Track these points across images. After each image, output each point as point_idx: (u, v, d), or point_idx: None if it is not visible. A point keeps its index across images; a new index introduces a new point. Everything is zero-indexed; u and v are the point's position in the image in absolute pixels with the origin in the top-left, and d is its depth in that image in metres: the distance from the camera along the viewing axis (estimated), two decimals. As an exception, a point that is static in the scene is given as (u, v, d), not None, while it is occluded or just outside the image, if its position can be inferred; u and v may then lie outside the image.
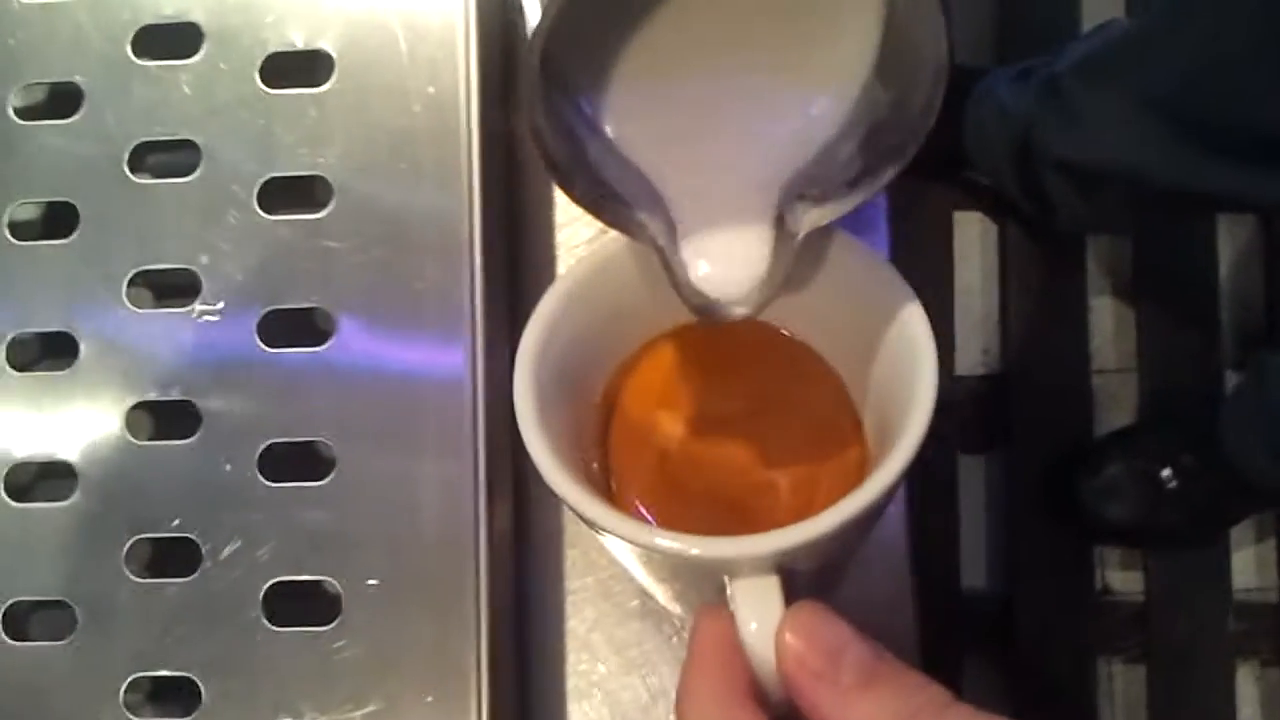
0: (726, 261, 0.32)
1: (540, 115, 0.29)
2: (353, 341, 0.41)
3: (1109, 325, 1.37)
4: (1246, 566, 1.31)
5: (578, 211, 0.33)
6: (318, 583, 0.41)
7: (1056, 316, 1.38)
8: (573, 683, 0.44)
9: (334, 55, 0.43)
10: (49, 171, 0.43)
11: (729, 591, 0.30)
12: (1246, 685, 1.28)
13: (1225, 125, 0.96)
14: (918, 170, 0.32)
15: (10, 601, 0.41)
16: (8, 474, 0.42)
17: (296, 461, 0.42)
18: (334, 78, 0.42)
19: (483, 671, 0.39)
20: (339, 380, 0.41)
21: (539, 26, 0.27)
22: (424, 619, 0.40)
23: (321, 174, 0.42)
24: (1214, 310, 1.36)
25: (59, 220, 0.42)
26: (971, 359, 1.37)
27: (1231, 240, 1.37)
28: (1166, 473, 1.24)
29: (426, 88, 0.42)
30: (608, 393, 0.38)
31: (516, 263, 0.46)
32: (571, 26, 0.28)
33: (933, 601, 0.43)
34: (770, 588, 0.29)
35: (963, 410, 1.34)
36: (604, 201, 0.32)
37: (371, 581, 0.40)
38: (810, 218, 0.32)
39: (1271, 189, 0.98)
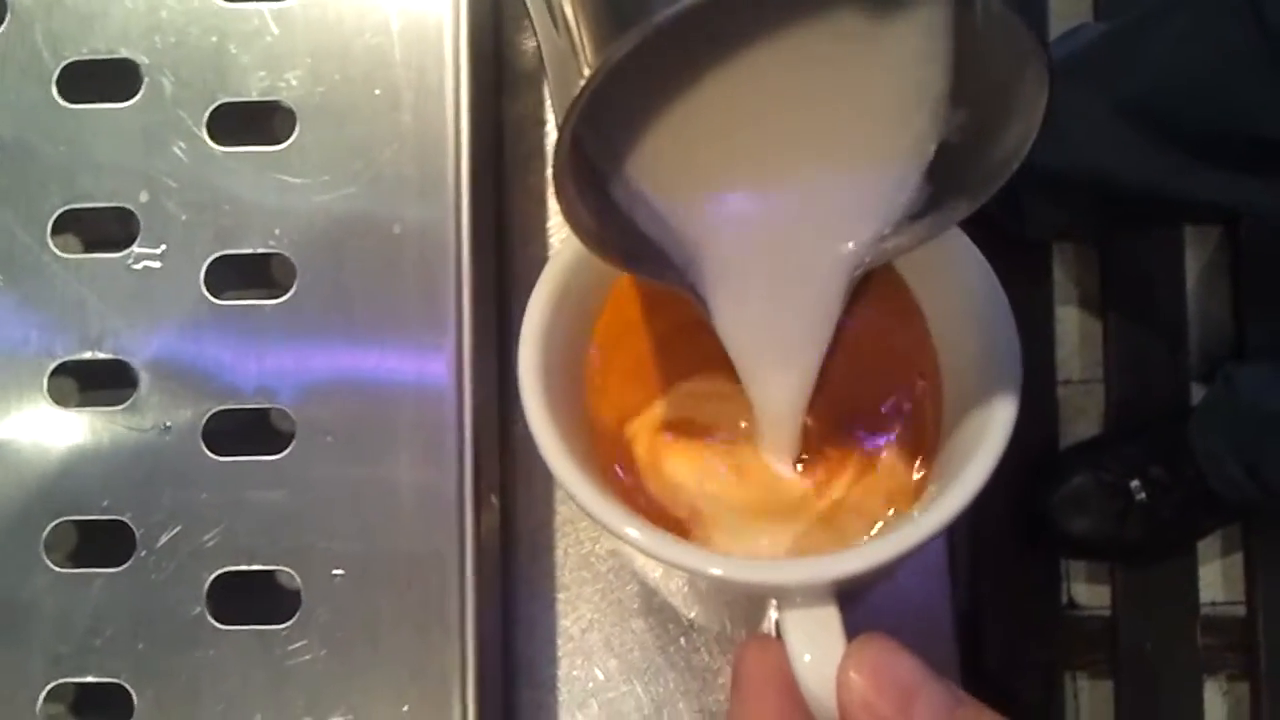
0: (777, 342, 0.31)
1: (571, 183, 0.26)
2: (317, 292, 0.36)
3: (1075, 336, 1.37)
4: (1214, 580, 1.31)
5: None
6: (272, 574, 0.35)
7: (1022, 326, 1.35)
8: (566, 691, 0.39)
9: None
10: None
11: (776, 617, 0.28)
12: (1214, 700, 1.28)
13: (1196, 130, 0.96)
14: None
15: None
16: (-96, 445, 0.35)
17: (249, 432, 0.36)
18: (299, -10, 0.37)
19: (468, 678, 0.34)
20: (300, 338, 0.36)
21: (575, 97, 0.23)
22: (398, 616, 0.34)
23: (283, 100, 0.37)
24: (1181, 321, 1.36)
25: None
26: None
27: (1198, 251, 1.36)
28: (1134, 484, 1.23)
29: (407, 1, 0.37)
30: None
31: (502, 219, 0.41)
32: (609, 96, 0.24)
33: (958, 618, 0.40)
34: (828, 619, 0.27)
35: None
36: (640, 261, 0.29)
37: (337, 572, 0.35)
38: (871, 255, 0.30)
39: (1242, 194, 0.99)
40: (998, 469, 0.31)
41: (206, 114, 0.37)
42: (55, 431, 0.36)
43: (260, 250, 0.36)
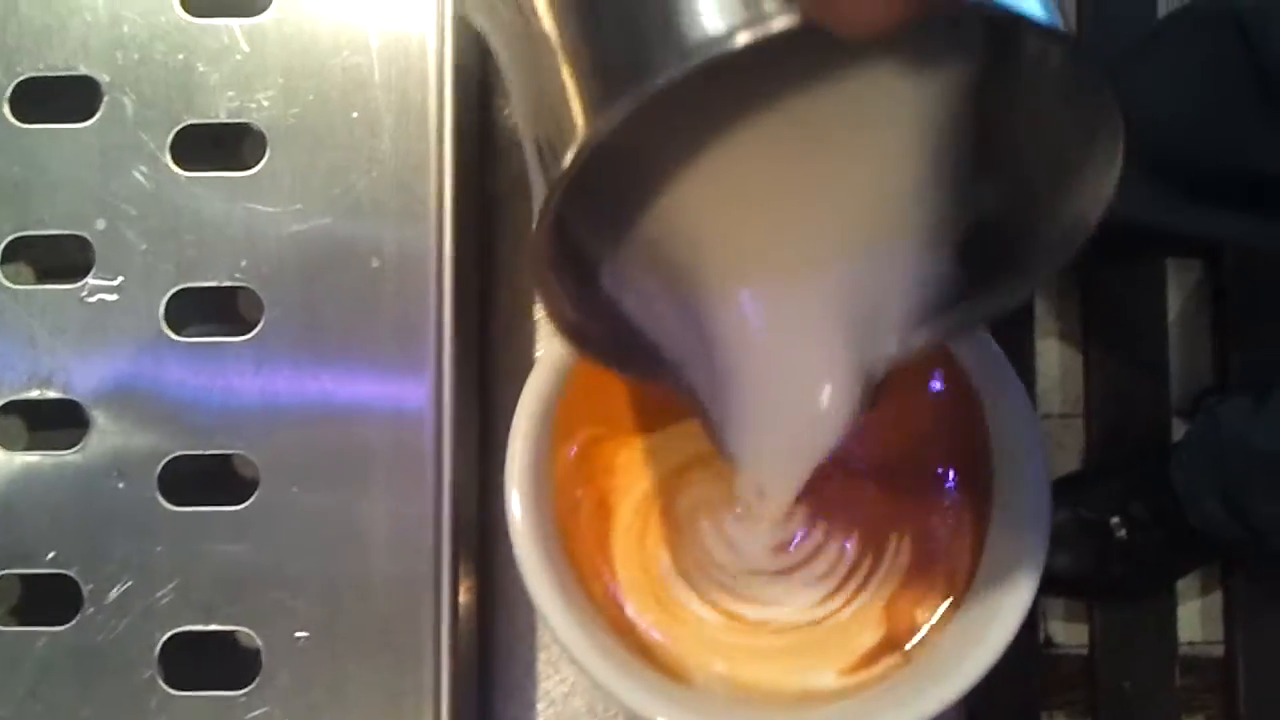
0: (781, 447, 0.29)
1: (551, 271, 0.24)
2: (286, 329, 0.34)
3: (1056, 370, 1.36)
4: (1192, 620, 1.31)
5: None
6: (230, 634, 0.33)
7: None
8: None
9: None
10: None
11: None
12: (1193, 742, 1.26)
13: (1184, 165, 0.96)
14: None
15: None
16: None
17: (209, 480, 0.34)
18: (272, 6, 0.35)
19: (442, 749, 0.31)
20: (266, 378, 0.34)
21: (557, 179, 0.21)
22: (368, 681, 0.32)
23: (253, 123, 0.35)
24: (1162, 356, 1.35)
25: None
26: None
27: (1180, 286, 1.36)
28: (1114, 521, 1.23)
29: (386, 19, 0.34)
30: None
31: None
32: (600, 169, 0.22)
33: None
34: None
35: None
36: (628, 359, 0.28)
37: (301, 634, 0.32)
38: (896, 351, 0.28)
39: (1230, 228, 0.99)
40: None
41: (170, 136, 0.36)
42: (1, 477, 0.33)
43: (226, 283, 0.35)
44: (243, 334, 0.34)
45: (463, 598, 0.33)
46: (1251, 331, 1.33)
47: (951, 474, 0.34)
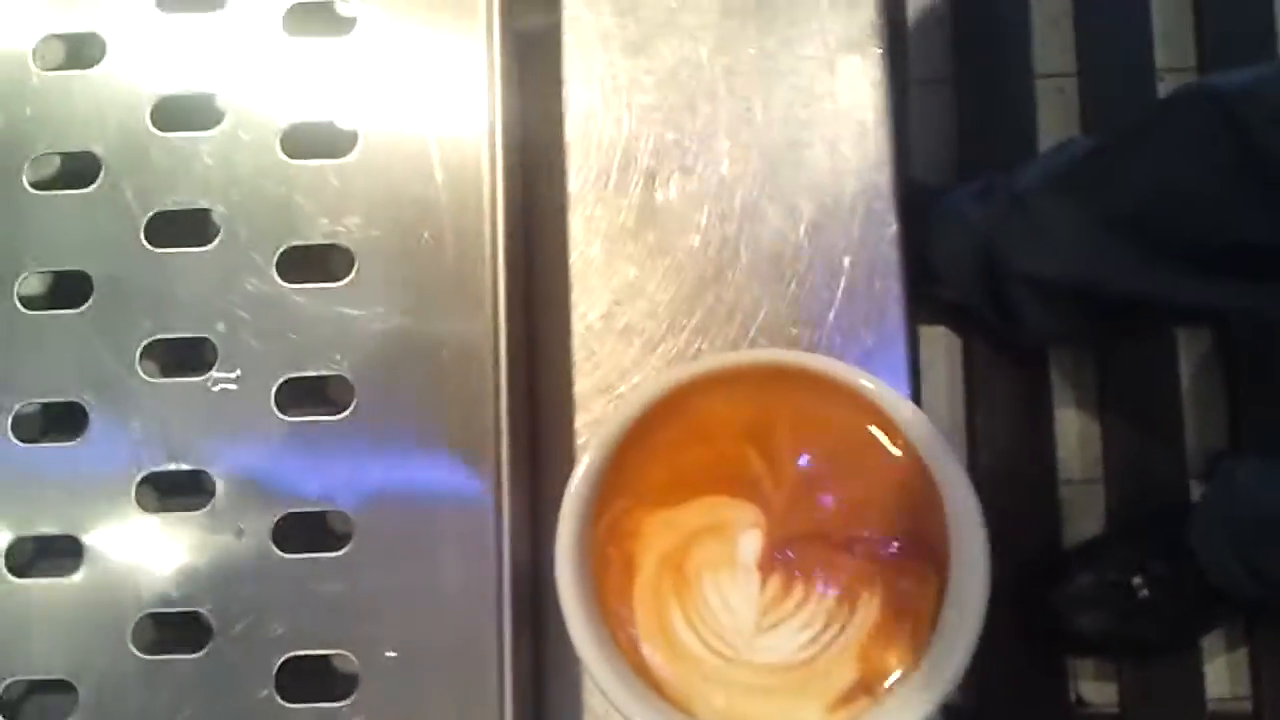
0: None
1: None
2: (372, 409, 0.41)
3: (1074, 437, 1.38)
4: (1220, 676, 1.31)
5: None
6: (330, 658, 0.40)
7: (1022, 428, 1.39)
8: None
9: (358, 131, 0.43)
10: (64, 241, 0.42)
11: None
12: (1224, 798, 1.25)
13: (1181, 240, 0.99)
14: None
15: (8, 681, 0.39)
16: (10, 549, 0.40)
17: (313, 533, 0.40)
18: (356, 148, 0.43)
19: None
20: (357, 450, 0.40)
21: None
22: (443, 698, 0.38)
23: (341, 243, 0.42)
24: (1178, 420, 1.37)
25: (73, 289, 0.42)
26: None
27: (1192, 352, 1.38)
28: (1137, 581, 1.24)
29: (449, 158, 0.42)
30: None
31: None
32: None
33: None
34: None
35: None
36: None
37: (390, 654, 0.39)
38: None
39: (1229, 298, 1.02)
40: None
41: (276, 255, 0.42)
42: (141, 535, 0.40)
43: (323, 373, 0.41)
44: (338, 414, 0.41)
45: (518, 623, 0.40)
46: (1262, 395, 1.36)
47: (912, 539, 0.38)
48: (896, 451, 0.38)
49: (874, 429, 0.39)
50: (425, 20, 0.44)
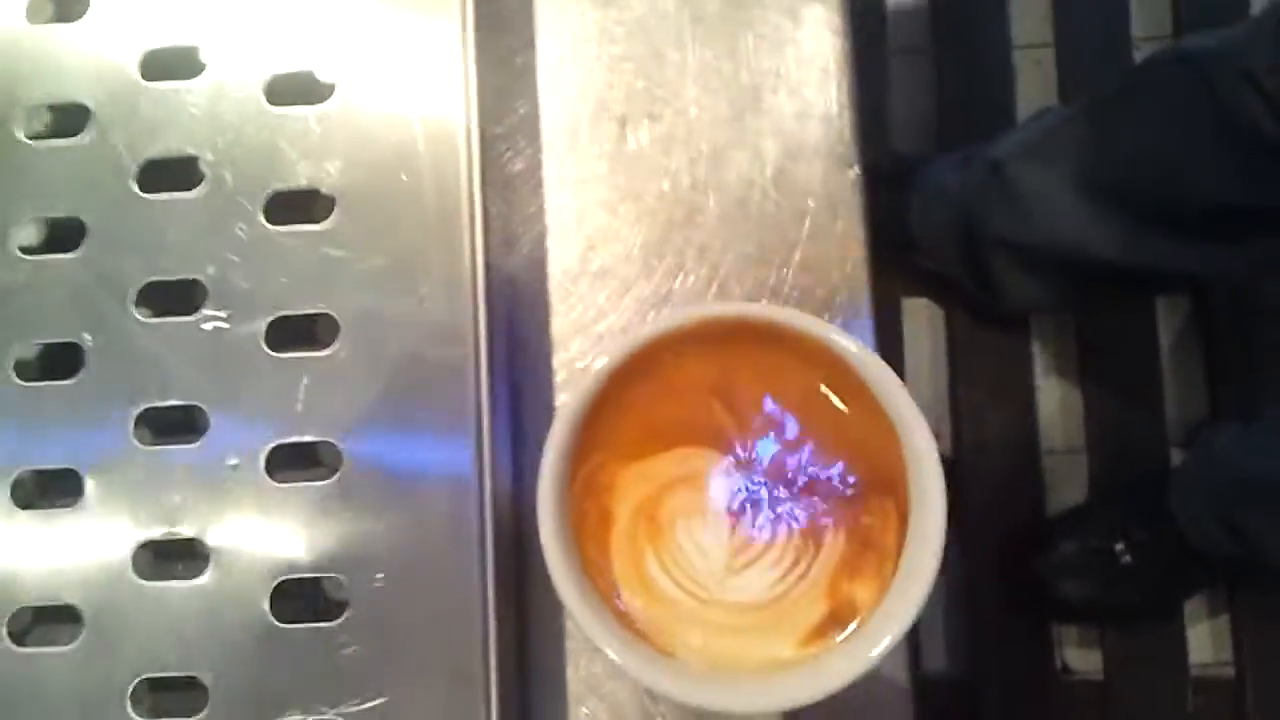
0: None
1: None
2: (355, 347, 0.42)
3: (1056, 407, 1.41)
4: (1202, 643, 1.33)
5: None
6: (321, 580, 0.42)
7: (1004, 399, 1.41)
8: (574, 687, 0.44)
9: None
10: (58, 189, 0.44)
11: None
12: (1208, 761, 1.28)
13: (1160, 203, 1.01)
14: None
15: (16, 609, 0.41)
16: (15, 483, 0.42)
17: (304, 461, 0.42)
18: (334, 95, 0.44)
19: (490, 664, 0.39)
20: (343, 383, 0.42)
21: None
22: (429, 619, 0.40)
23: (323, 188, 0.44)
24: (1158, 389, 1.40)
25: (68, 235, 0.43)
26: (922, 441, 1.39)
27: (1171, 321, 1.41)
28: (1119, 547, 1.26)
29: (425, 104, 0.44)
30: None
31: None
32: None
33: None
34: None
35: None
36: None
37: (378, 576, 0.41)
38: None
39: (1207, 261, 1.04)
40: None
41: (262, 200, 0.44)
42: (138, 467, 0.42)
43: (310, 311, 0.43)
44: (323, 350, 0.43)
45: (502, 562, 0.42)
46: (1239, 363, 1.38)
47: (873, 477, 0.40)
48: (853, 396, 0.40)
49: (831, 375, 0.40)
50: (402, -26, 0.45)
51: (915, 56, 1.46)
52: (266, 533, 0.41)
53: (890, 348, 1.38)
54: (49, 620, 0.42)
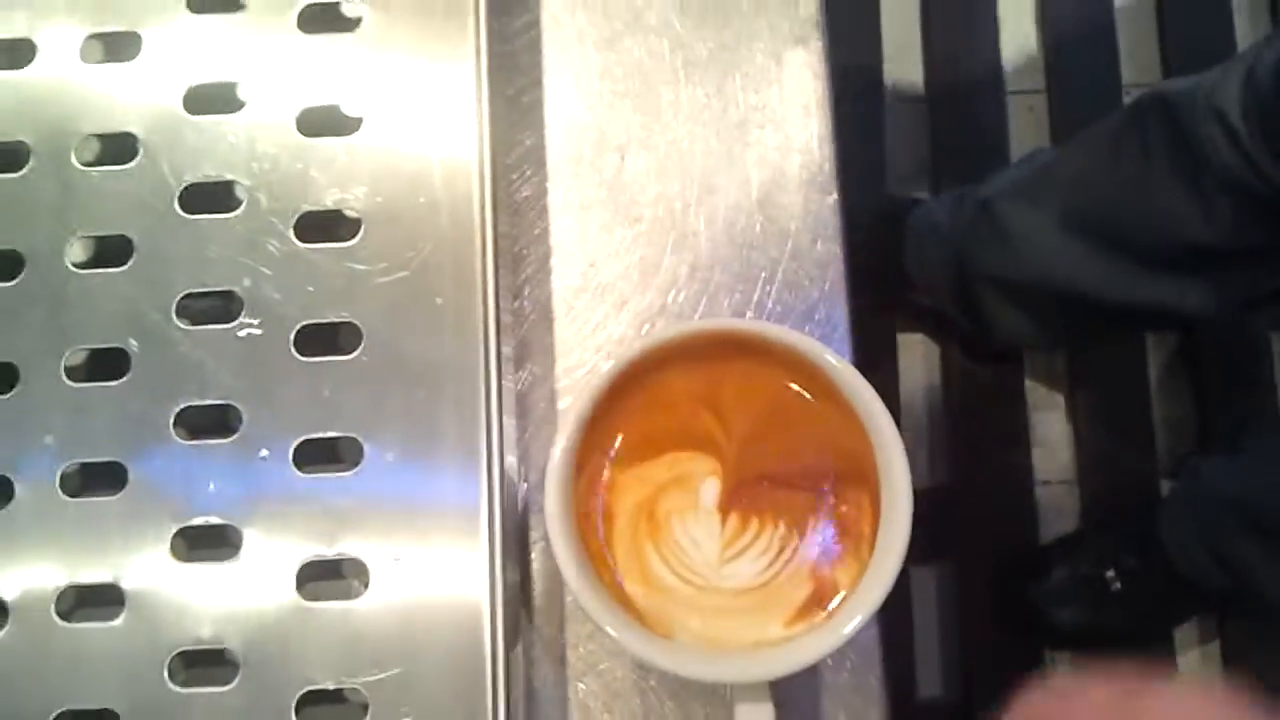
0: None
1: None
2: (376, 353, 0.46)
3: (1049, 441, 1.43)
4: (1193, 670, 1.35)
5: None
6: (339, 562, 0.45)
7: (998, 431, 1.43)
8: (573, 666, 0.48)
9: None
10: (109, 210, 0.48)
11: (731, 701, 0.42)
12: (1199, 785, 1.29)
13: (1139, 241, 1.04)
14: (863, 294, 0.38)
15: (58, 712, 0.44)
16: (63, 475, 0.46)
17: (330, 456, 0.46)
18: (361, 128, 0.49)
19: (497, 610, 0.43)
20: (367, 385, 0.46)
21: None
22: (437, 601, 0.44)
23: (349, 210, 0.48)
24: (1147, 420, 1.42)
25: (118, 251, 0.48)
26: (918, 473, 1.41)
27: (1159, 355, 1.44)
28: (1110, 574, 1.28)
29: (442, 137, 0.49)
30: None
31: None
32: None
33: (891, 713, 0.49)
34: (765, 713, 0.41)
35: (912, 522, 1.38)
36: None
37: (396, 557, 0.45)
38: None
39: (1191, 298, 1.06)
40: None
41: (293, 220, 0.47)
42: (177, 460, 0.46)
43: (335, 320, 0.47)
44: (347, 355, 0.47)
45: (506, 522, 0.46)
46: (1226, 394, 1.40)
47: (847, 471, 0.44)
48: (827, 397, 0.44)
49: (807, 380, 0.45)
50: (420, 19, 0.50)
51: (912, 103, 1.50)
52: (293, 519, 0.45)
53: (887, 382, 1.42)
54: (93, 600, 0.46)
